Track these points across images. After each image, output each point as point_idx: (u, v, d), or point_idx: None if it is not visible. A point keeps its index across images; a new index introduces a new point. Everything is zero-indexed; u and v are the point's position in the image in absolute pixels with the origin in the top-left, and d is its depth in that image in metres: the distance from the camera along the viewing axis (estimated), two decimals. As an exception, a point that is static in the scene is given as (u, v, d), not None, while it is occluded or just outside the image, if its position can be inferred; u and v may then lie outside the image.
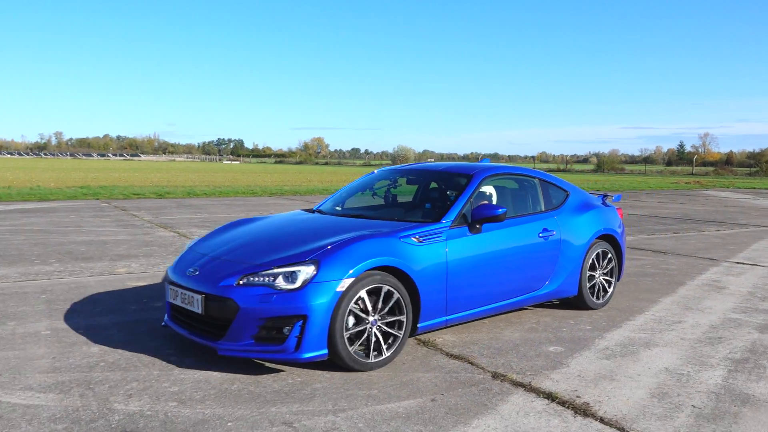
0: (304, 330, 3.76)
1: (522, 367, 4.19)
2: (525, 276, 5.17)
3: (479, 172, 5.25)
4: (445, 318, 4.56)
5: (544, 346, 4.68)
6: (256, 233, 4.81)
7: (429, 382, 3.88)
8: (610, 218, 6.07)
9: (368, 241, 4.13)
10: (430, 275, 4.36)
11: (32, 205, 15.35)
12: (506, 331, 5.08)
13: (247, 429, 3.17)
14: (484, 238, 4.81)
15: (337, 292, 3.84)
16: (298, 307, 3.75)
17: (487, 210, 4.73)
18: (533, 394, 3.71)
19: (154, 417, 3.29)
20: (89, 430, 3.13)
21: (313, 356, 3.81)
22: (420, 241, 4.38)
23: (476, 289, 4.74)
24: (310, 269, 3.88)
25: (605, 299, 5.92)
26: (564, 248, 5.46)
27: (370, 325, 4.02)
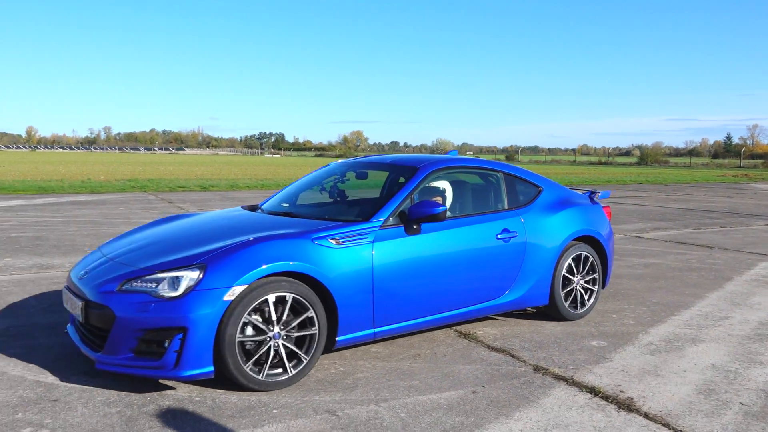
0: (184, 344, 3.32)
1: (564, 361, 4.17)
2: (479, 283, 4.54)
3: (426, 166, 4.64)
4: (372, 331, 4.02)
5: (587, 341, 4.64)
6: (168, 233, 4.38)
7: (470, 374, 3.90)
8: (593, 218, 5.37)
9: (269, 244, 3.63)
10: (351, 282, 3.83)
11: (84, 198, 15.86)
12: (548, 324, 5.05)
13: (292, 416, 3.25)
14: (424, 240, 4.23)
15: (224, 301, 3.38)
16: (178, 318, 3.32)
17: (424, 208, 4.13)
18: (576, 388, 3.70)
19: (202, 403, 3.40)
20: (141, 413, 3.25)
21: (195, 374, 3.37)
22: (339, 243, 3.86)
23: (414, 299, 4.18)
24: (195, 275, 3.43)
25: (585, 309, 5.24)
26: (531, 252, 4.82)
27: (271, 338, 3.56)
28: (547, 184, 5.34)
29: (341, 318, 3.82)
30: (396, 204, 4.24)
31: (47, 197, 15.86)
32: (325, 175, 5.39)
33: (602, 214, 5.56)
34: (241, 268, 3.46)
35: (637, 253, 8.62)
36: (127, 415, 3.22)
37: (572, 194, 5.52)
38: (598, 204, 5.60)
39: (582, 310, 5.22)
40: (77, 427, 3.08)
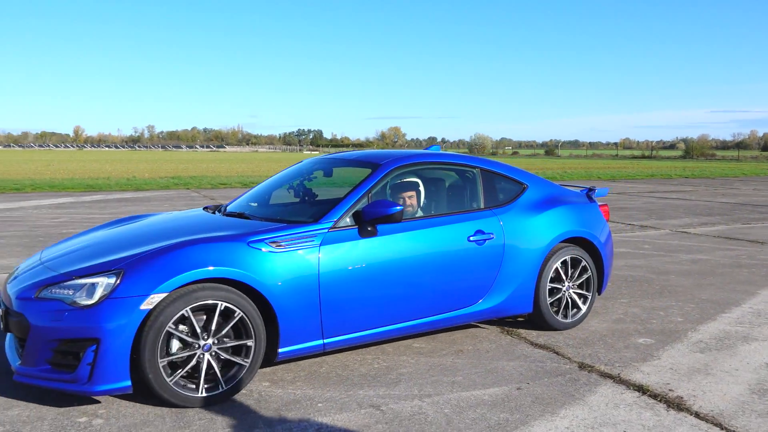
0: (97, 357, 3.08)
1: (610, 359, 4.10)
2: (447, 290, 4.15)
3: (387, 163, 4.22)
4: (321, 342, 3.70)
5: (633, 338, 4.55)
6: (110, 235, 4.12)
7: (514, 371, 3.87)
8: (586, 217, 4.89)
9: (193, 248, 3.34)
10: (293, 290, 3.52)
11: (129, 195, 16.28)
12: (592, 321, 4.98)
13: (337, 410, 3.28)
14: (380, 243, 3.86)
15: (141, 310, 3.12)
16: (91, 329, 3.08)
17: (378, 208, 3.78)
18: (623, 386, 3.63)
19: (249, 395, 3.46)
20: (190, 405, 3.33)
21: (111, 389, 3.12)
22: (279, 246, 3.55)
23: (370, 307, 3.83)
24: (111, 281, 3.18)
25: (577, 317, 4.77)
26: (510, 255, 4.40)
27: (200, 350, 3.30)
28: (533, 181, 4.89)
29: (282, 328, 3.51)
30: (349, 204, 3.89)
31: (95, 194, 16.34)
32: (294, 172, 5.03)
33: (597, 213, 5.07)
34: (160, 275, 3.19)
35: (684, 249, 8.41)
36: (176, 407, 3.30)
37: (563, 192, 5.05)
38: (593, 203, 5.12)
39: (573, 318, 4.75)
40: (130, 417, 3.18)
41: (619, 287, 6.15)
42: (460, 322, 4.33)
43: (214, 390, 3.32)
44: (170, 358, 3.22)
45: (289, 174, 5.02)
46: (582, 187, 5.35)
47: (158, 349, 3.16)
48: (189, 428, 3.05)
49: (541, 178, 4.99)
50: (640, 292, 5.94)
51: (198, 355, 3.30)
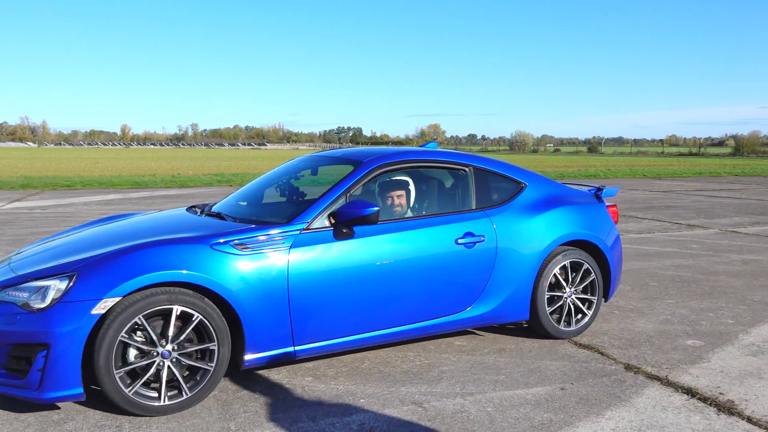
0: (47, 362, 2.96)
1: (657, 360, 4.01)
2: (432, 295, 3.92)
3: (370, 161, 3.99)
4: (292, 349, 3.52)
5: (681, 339, 4.44)
6: (83, 236, 3.98)
7: (557, 371, 3.82)
8: (590, 219, 4.55)
9: (152, 251, 3.20)
10: (259, 294, 3.35)
11: (174, 191, 16.64)
12: (638, 322, 4.87)
13: (379, 406, 3.29)
14: (357, 245, 3.65)
15: (92, 315, 2.99)
16: (41, 333, 2.96)
17: (353, 209, 3.58)
18: (671, 389, 3.55)
19: (292, 390, 3.51)
20: (235, 398, 3.39)
21: (62, 396, 3.01)
22: (245, 249, 3.38)
23: (345, 313, 3.64)
24: (63, 284, 3.06)
25: (580, 325, 4.46)
26: (503, 259, 4.13)
27: (159, 357, 3.17)
28: (533, 180, 4.56)
29: (248, 334, 3.35)
30: (325, 204, 3.70)
31: (141, 191, 16.76)
32: (282, 171, 4.81)
33: (604, 214, 4.72)
34: (113, 278, 3.05)
35: (734, 249, 8.16)
36: (222, 399, 3.37)
37: (566, 192, 4.70)
38: (600, 203, 4.77)
39: (577, 326, 4.45)
40: (177, 408, 3.25)
41: (666, 287, 6.01)
42: (450, 330, 4.09)
43: (178, 397, 3.20)
44: (127, 367, 3.09)
45: (278, 173, 4.81)
46: (591, 186, 5.04)
47: (113, 356, 3.03)
48: (234, 421, 3.11)
49: (543, 177, 4.69)
50: (688, 293, 5.79)
51: (157, 363, 3.16)
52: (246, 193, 4.61)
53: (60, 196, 15.21)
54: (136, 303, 3.07)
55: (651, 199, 15.55)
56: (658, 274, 6.58)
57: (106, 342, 3.02)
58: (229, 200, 4.54)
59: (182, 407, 3.21)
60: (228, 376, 3.69)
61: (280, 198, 4.54)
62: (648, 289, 5.96)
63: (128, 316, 3.05)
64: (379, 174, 4.01)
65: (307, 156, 4.87)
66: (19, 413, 3.17)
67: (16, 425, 3.05)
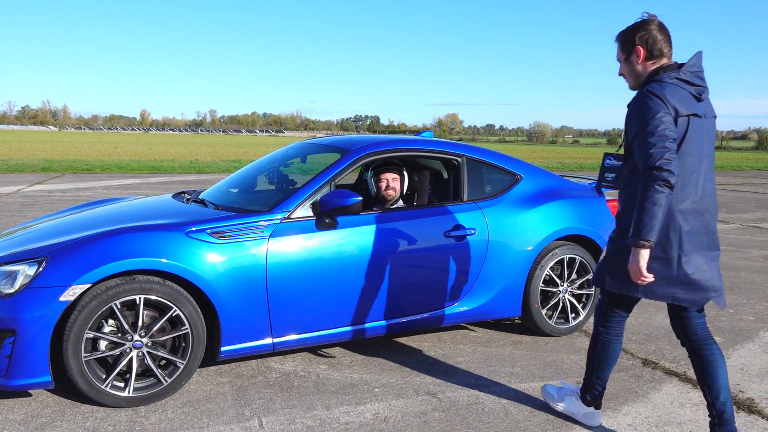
0: (14, 349, 2.91)
1: (675, 356, 3.96)
2: (418, 289, 3.82)
3: (357, 149, 3.87)
4: (270, 341, 3.44)
5: (701, 336, 4.37)
6: (62, 220, 3.89)
7: (573, 364, 3.79)
8: (589, 213, 4.34)
9: (124, 237, 3.11)
10: (236, 284, 3.27)
11: (192, 177, 16.74)
12: (657, 317, 4.82)
13: (393, 395, 3.29)
14: (339, 236, 3.55)
15: (60, 302, 2.92)
16: (8, 320, 2.91)
17: (335, 198, 3.46)
18: (689, 385, 3.50)
19: (307, 377, 3.51)
20: (250, 384, 3.40)
21: (28, 383, 2.95)
22: (223, 237, 3.30)
23: (325, 306, 3.54)
24: (32, 270, 2.98)
25: (576, 323, 4.32)
26: (495, 253, 3.99)
27: (130, 347, 3.09)
28: (530, 172, 4.38)
29: (224, 325, 3.27)
30: (308, 193, 3.59)
31: (159, 176, 16.88)
32: (272, 158, 4.69)
33: (604, 209, 4.50)
34: (83, 264, 2.98)
35: (756, 245, 8.03)
36: (237, 385, 3.38)
37: (564, 185, 4.52)
38: (600, 197, 4.54)
39: (570, 324, 4.30)
40: (193, 393, 3.27)
41: (685, 282, 5.92)
42: (438, 324, 3.98)
43: (149, 389, 3.13)
44: (96, 355, 3.04)
45: (268, 159, 4.69)
46: (592, 179, 4.79)
47: (81, 345, 2.97)
48: (249, 407, 3.12)
49: (541, 169, 4.53)
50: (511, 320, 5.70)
51: (128, 353, 3.09)
52: (235, 180, 4.52)
53: (80, 179, 15.37)
54: (106, 291, 2.99)
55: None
56: (678, 269, 6.48)
57: (76, 328, 2.95)
58: (218, 187, 4.45)
59: (149, 399, 3.13)
60: (242, 362, 3.70)
61: (269, 186, 4.41)
62: (667, 283, 5.87)
63: (99, 304, 2.98)
64: (366, 162, 3.91)
65: (297, 143, 4.77)
66: (37, 394, 3.21)
67: (34, 406, 3.09)
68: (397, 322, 3.81)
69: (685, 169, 2.57)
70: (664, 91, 2.54)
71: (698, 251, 2.60)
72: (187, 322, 3.17)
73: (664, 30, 2.70)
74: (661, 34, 2.67)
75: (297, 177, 4.23)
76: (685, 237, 2.57)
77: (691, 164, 2.58)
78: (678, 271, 2.59)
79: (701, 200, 2.60)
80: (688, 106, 2.57)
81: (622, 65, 2.80)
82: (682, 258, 2.58)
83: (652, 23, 2.69)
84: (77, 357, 2.97)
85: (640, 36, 2.67)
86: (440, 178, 4.42)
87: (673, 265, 2.59)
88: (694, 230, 2.59)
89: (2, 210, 9.58)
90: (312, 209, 3.56)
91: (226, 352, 3.34)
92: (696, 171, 2.60)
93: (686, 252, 2.58)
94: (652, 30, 2.67)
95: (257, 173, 4.52)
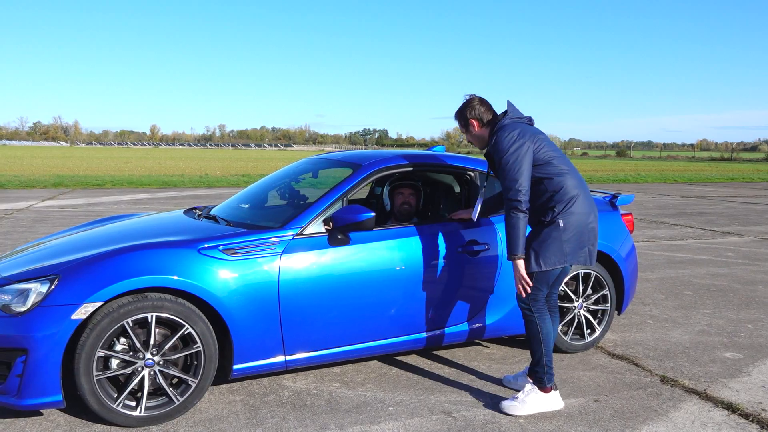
0: (26, 368, 2.87)
1: (695, 373, 3.88)
2: (431, 306, 3.75)
3: (370, 164, 3.82)
4: (283, 359, 3.39)
5: (719, 352, 4.30)
6: (74, 237, 3.89)
7: (591, 382, 3.72)
8: (603, 227, 4.00)
9: (136, 255, 3.09)
10: (248, 301, 3.23)
11: (202, 192, 16.78)
12: (674, 332, 4.74)
13: (408, 415, 3.23)
14: (352, 252, 3.51)
15: (72, 320, 2.89)
16: (20, 338, 2.87)
17: (348, 214, 3.42)
18: (710, 403, 3.43)
19: (320, 396, 3.46)
20: (263, 403, 3.36)
21: (39, 403, 2.91)
22: (235, 254, 3.26)
23: (338, 323, 3.50)
24: (44, 288, 2.96)
25: (591, 339, 4.22)
26: (509, 268, 3.86)
27: (141, 366, 3.05)
28: None
29: (236, 343, 3.23)
30: (320, 209, 3.54)
31: (170, 191, 16.93)
32: (284, 173, 4.66)
33: (618, 223, 4.44)
34: (95, 282, 2.95)
35: (772, 258, 7.92)
36: (250, 404, 3.34)
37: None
38: (615, 211, 4.49)
39: (585, 341, 4.22)
40: (205, 412, 3.23)
41: (701, 297, 5.85)
42: (451, 341, 3.91)
43: (161, 408, 3.09)
44: (108, 374, 2.99)
45: (280, 175, 4.66)
46: (606, 193, 4.73)
47: (93, 363, 2.93)
48: (261, 426, 3.08)
49: None
50: (724, 303, 5.62)
51: (139, 372, 3.05)
52: (247, 195, 4.49)
53: (90, 195, 15.44)
54: (118, 309, 2.95)
55: (683, 204, 15.24)
56: (693, 283, 6.41)
57: (88, 347, 2.91)
58: (229, 203, 4.42)
59: (161, 420, 3.09)
60: (254, 380, 3.66)
61: (280, 201, 4.36)
62: (683, 298, 5.80)
63: (111, 322, 2.94)
64: (378, 178, 3.87)
65: (308, 158, 4.74)
66: (48, 413, 3.18)
67: (45, 425, 3.06)
68: (411, 338, 3.76)
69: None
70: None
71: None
72: (199, 340, 3.13)
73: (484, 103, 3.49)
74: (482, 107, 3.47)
75: (309, 192, 4.17)
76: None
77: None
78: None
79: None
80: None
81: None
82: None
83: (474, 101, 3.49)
84: (89, 376, 2.93)
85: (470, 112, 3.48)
86: (452, 192, 4.38)
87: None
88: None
89: (14, 226, 9.62)
90: (324, 225, 3.52)
91: (238, 371, 3.30)
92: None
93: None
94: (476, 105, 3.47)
95: (269, 188, 4.48)
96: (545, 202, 3.30)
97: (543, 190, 3.30)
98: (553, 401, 3.31)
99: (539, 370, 3.32)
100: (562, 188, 3.28)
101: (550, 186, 3.29)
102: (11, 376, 2.89)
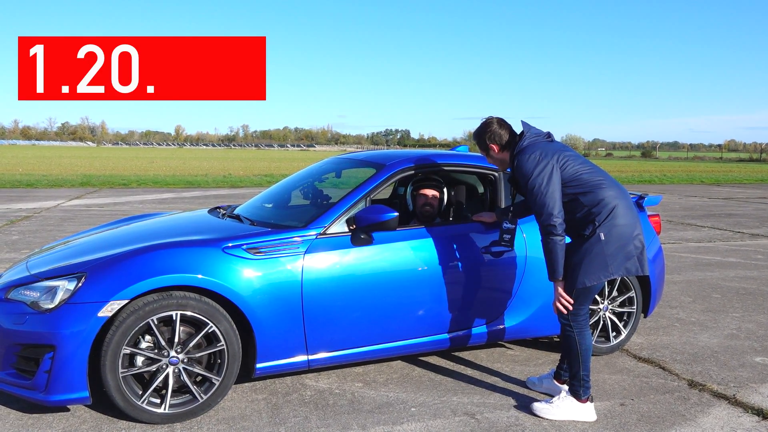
0: (54, 364, 2.92)
1: (723, 378, 3.81)
2: (454, 307, 3.71)
3: (393, 164, 3.81)
4: (305, 358, 3.39)
5: (749, 356, 4.21)
6: (100, 236, 3.94)
7: (616, 385, 3.67)
8: None
9: (161, 253, 3.13)
10: (272, 300, 3.24)
11: (225, 191, 16.93)
12: (701, 336, 4.65)
13: (430, 416, 3.21)
14: (375, 252, 3.50)
15: (99, 317, 2.92)
16: (48, 335, 2.92)
17: (371, 214, 3.42)
18: (740, 409, 3.35)
19: (342, 395, 3.46)
20: (285, 402, 3.37)
21: (66, 399, 2.96)
22: (258, 253, 3.27)
23: (361, 323, 3.49)
24: (72, 285, 3.01)
25: (616, 342, 4.16)
26: (533, 269, 3.83)
27: (166, 363, 3.07)
28: None
29: (260, 342, 3.24)
30: (343, 208, 3.54)
31: (193, 191, 17.10)
32: (307, 173, 4.67)
33: (645, 224, 4.29)
34: (121, 280, 2.99)
35: (803, 261, 7.74)
36: (272, 403, 3.35)
37: None
38: (642, 212, 4.37)
39: (611, 343, 4.14)
40: (228, 410, 3.24)
41: (730, 300, 5.73)
42: (475, 342, 3.87)
43: (184, 406, 3.11)
44: (133, 371, 3.03)
45: (303, 175, 4.68)
46: (633, 194, 4.42)
47: (119, 360, 2.96)
48: (284, 425, 3.08)
49: None
50: (754, 306, 5.51)
51: (164, 369, 3.08)
52: (270, 195, 4.51)
53: (117, 194, 15.66)
54: (143, 307, 2.98)
55: (710, 206, 14.98)
56: (721, 286, 6.29)
57: (114, 343, 2.94)
58: (252, 202, 4.44)
59: (185, 417, 3.11)
60: (277, 379, 3.67)
61: (303, 201, 4.38)
62: (711, 301, 5.70)
63: (137, 319, 2.97)
64: (401, 178, 3.87)
65: (332, 158, 4.75)
66: (75, 409, 3.22)
67: (72, 421, 3.10)
68: (433, 339, 3.74)
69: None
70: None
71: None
72: (222, 339, 3.15)
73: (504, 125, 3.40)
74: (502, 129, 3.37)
75: (332, 192, 4.18)
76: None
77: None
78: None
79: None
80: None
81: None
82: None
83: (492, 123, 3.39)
84: (114, 373, 2.96)
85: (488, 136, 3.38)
86: (476, 192, 4.33)
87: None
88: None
89: (43, 224, 9.79)
90: (347, 225, 3.52)
91: (261, 369, 3.31)
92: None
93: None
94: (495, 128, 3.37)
95: (292, 188, 4.51)
96: (584, 216, 3.15)
97: (579, 205, 3.15)
98: (587, 412, 3.20)
99: (575, 383, 3.22)
100: (601, 200, 3.12)
101: (586, 200, 3.13)
102: (39, 372, 2.94)
